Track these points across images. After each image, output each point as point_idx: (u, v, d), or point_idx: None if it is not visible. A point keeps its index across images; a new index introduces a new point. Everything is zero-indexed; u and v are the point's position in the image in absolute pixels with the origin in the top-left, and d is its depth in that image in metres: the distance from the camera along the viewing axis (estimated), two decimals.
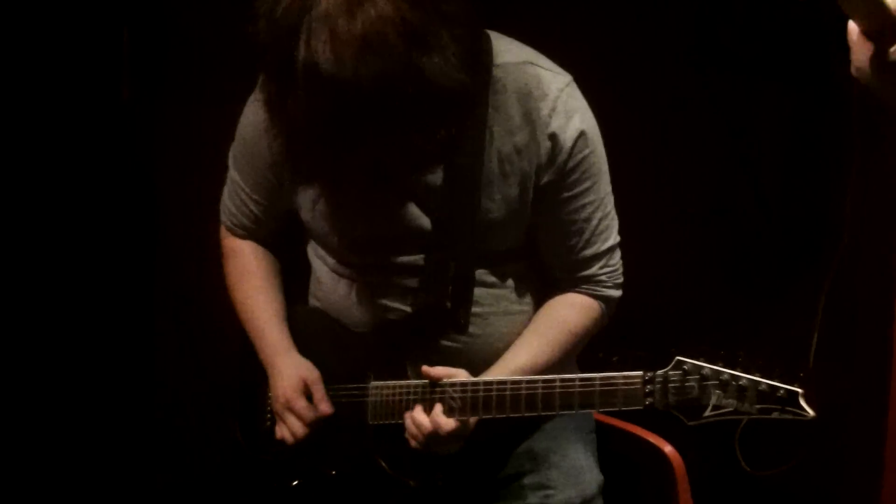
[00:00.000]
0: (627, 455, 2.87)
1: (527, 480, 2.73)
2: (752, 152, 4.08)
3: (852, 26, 1.74)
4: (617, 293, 2.69)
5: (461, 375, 2.53)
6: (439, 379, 2.52)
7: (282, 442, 2.68)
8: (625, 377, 2.37)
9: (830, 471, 3.68)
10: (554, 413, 2.51)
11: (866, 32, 1.72)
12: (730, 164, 4.09)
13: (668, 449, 2.78)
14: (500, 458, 2.75)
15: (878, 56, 1.71)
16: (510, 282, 2.67)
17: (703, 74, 4.03)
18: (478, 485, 2.76)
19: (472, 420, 2.51)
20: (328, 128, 2.17)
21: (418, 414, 2.53)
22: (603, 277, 2.66)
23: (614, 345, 3.05)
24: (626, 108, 3.71)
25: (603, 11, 3.94)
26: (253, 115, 2.62)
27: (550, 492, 2.70)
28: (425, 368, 2.53)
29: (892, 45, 1.69)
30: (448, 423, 2.49)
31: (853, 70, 1.77)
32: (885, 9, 1.65)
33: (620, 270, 2.69)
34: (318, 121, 2.17)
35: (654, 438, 2.84)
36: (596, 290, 2.66)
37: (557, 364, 2.63)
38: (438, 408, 2.51)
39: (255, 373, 2.79)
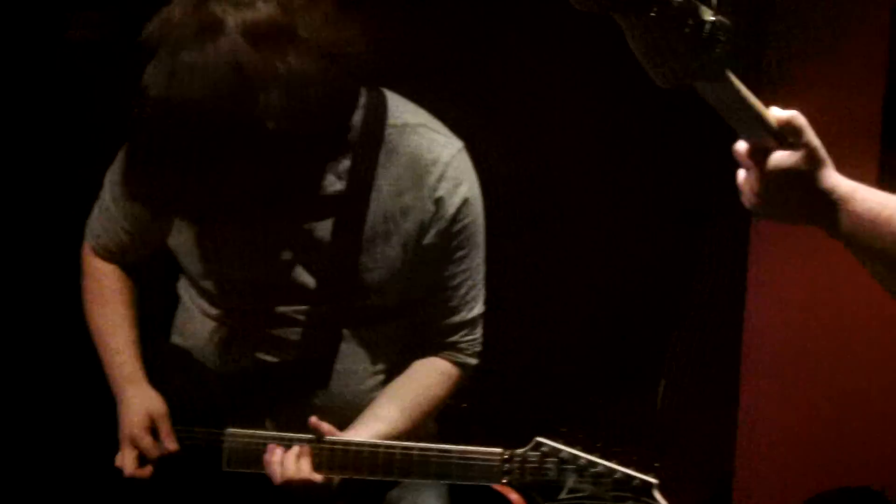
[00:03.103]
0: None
1: None
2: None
3: (742, 158, 1.76)
4: (475, 361, 2.71)
5: (336, 434, 2.52)
6: (326, 434, 2.50)
7: (127, 476, 2.62)
8: (483, 453, 2.39)
9: None
10: (410, 479, 2.52)
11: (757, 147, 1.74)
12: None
13: (513, 497, 2.81)
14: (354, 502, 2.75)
15: (772, 171, 1.73)
16: (377, 340, 2.67)
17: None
18: None
19: (337, 480, 2.52)
20: (165, 157, 2.21)
21: (288, 455, 2.50)
22: (464, 345, 2.68)
23: (474, 420, 3.08)
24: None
25: (500, 79, 3.94)
26: None
27: None
28: (314, 420, 2.50)
29: (794, 149, 1.71)
30: (313, 476, 2.48)
31: (746, 201, 1.79)
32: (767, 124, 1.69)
33: (481, 340, 2.71)
34: (155, 148, 2.21)
35: (499, 487, 2.87)
36: (456, 357, 2.68)
37: (414, 426, 2.63)
38: (307, 461, 2.49)
39: (105, 397, 2.74)
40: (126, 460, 2.61)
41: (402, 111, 2.55)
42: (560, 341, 3.99)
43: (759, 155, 1.73)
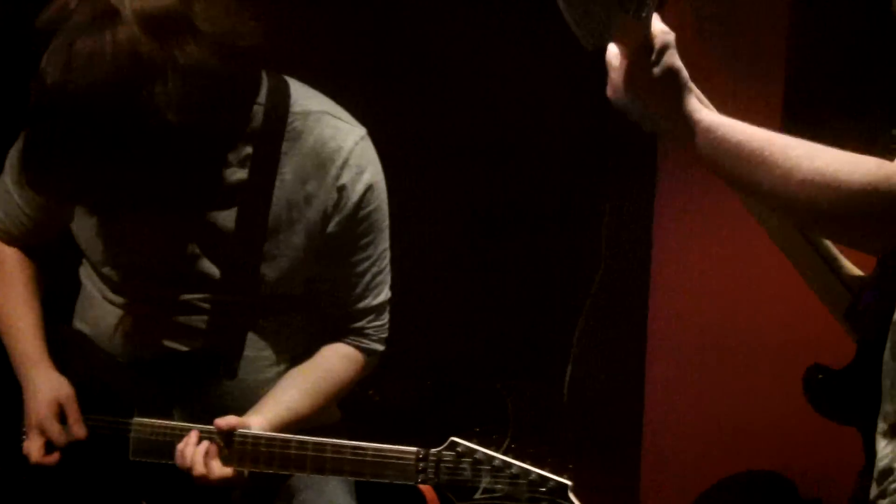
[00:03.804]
0: (386, 492, 2.88)
1: None
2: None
3: (612, 50, 1.81)
4: (381, 347, 2.70)
5: (246, 426, 2.48)
6: (232, 429, 2.46)
7: (34, 463, 2.58)
8: (398, 452, 2.38)
9: None
10: (323, 475, 2.50)
11: (627, 56, 1.80)
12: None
13: (428, 494, 2.81)
14: (259, 490, 2.72)
15: (636, 78, 1.79)
16: (283, 328, 2.65)
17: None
18: None
19: (246, 473, 2.49)
20: (63, 146, 2.18)
21: (198, 464, 2.46)
22: (370, 331, 2.67)
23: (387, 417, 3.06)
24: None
25: (402, 64, 3.90)
26: None
27: None
28: (218, 421, 2.46)
29: (652, 66, 1.77)
30: (224, 472, 2.46)
31: (609, 92, 1.85)
32: (647, 34, 1.76)
33: (387, 326, 2.70)
34: (53, 136, 2.18)
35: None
36: (362, 343, 2.67)
37: (319, 410, 2.62)
38: (215, 459, 2.46)
39: (10, 382, 2.68)
40: (32, 447, 2.57)
41: (305, 98, 2.53)
42: (465, 332, 3.99)
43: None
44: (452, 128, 3.96)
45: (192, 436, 2.47)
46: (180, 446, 2.47)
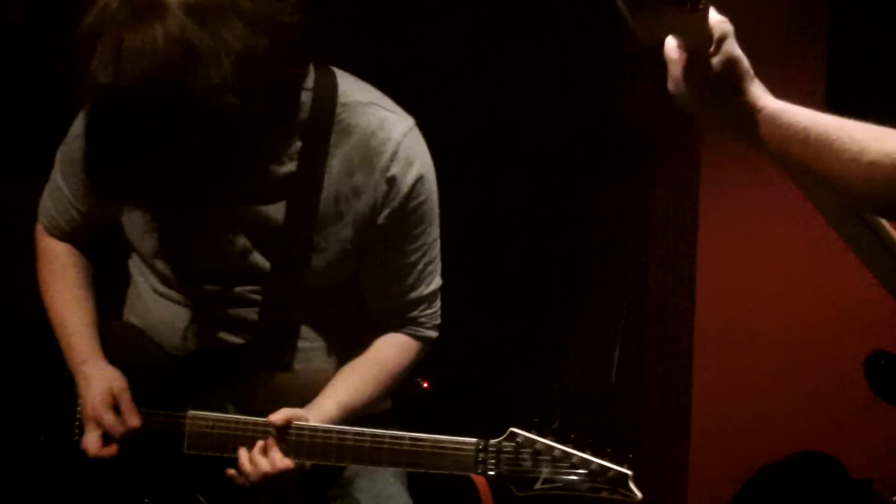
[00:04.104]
0: (437, 480, 2.88)
1: None
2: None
3: (671, 43, 1.79)
4: (434, 334, 2.70)
5: (300, 418, 2.49)
6: (286, 424, 2.46)
7: (92, 456, 2.57)
8: (457, 443, 2.38)
9: None
10: (381, 466, 2.50)
11: (686, 48, 1.77)
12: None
13: (481, 486, 2.81)
14: (310, 483, 2.72)
15: (697, 69, 1.77)
16: (336, 319, 2.65)
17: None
18: None
19: (308, 464, 2.49)
20: (120, 145, 2.17)
21: (256, 452, 2.47)
22: (423, 319, 2.66)
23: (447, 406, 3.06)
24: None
25: (449, 54, 3.89)
26: (80, 120, 2.51)
27: None
28: (272, 417, 2.47)
29: (711, 56, 1.75)
30: (286, 464, 2.45)
31: (670, 86, 1.83)
32: (705, 26, 1.72)
33: (439, 313, 2.69)
34: (111, 137, 2.17)
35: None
36: (416, 331, 2.67)
37: (374, 401, 2.62)
38: (275, 451, 2.46)
39: (63, 378, 2.68)
40: (90, 440, 2.57)
41: (353, 90, 2.51)
42: (511, 320, 3.99)
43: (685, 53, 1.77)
44: (494, 110, 3.95)
45: (242, 449, 2.49)
46: (239, 452, 2.48)
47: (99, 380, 2.59)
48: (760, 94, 1.80)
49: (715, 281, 4.08)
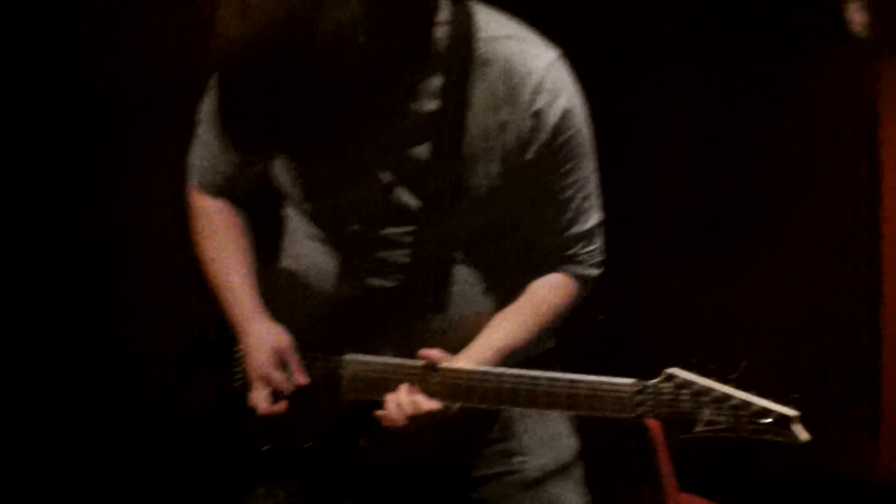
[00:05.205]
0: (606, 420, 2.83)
1: (501, 447, 2.69)
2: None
3: None
4: (596, 272, 2.62)
5: (450, 361, 2.47)
6: (436, 362, 2.45)
7: (262, 414, 2.61)
8: (615, 385, 2.32)
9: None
10: (538, 409, 2.45)
11: None
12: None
13: (652, 425, 2.75)
14: (472, 424, 2.69)
15: None
16: (490, 259, 2.60)
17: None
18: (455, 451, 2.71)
19: (456, 407, 2.46)
20: (258, 97, 2.15)
21: (402, 395, 2.47)
22: (583, 257, 2.59)
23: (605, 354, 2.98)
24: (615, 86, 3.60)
25: None
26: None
27: (524, 458, 2.67)
28: (424, 352, 2.47)
29: None
30: (431, 405, 2.44)
31: None
32: None
33: (601, 249, 2.62)
34: (247, 90, 2.15)
35: None
36: (576, 270, 2.60)
37: (531, 345, 2.57)
38: (419, 391, 2.45)
39: (221, 327, 2.71)
40: (259, 398, 2.60)
41: (492, 22, 2.44)
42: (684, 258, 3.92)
43: None
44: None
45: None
46: (388, 395, 2.47)
47: (265, 338, 2.61)
48: None
49: None
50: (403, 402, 2.45)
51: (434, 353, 2.47)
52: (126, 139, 3.89)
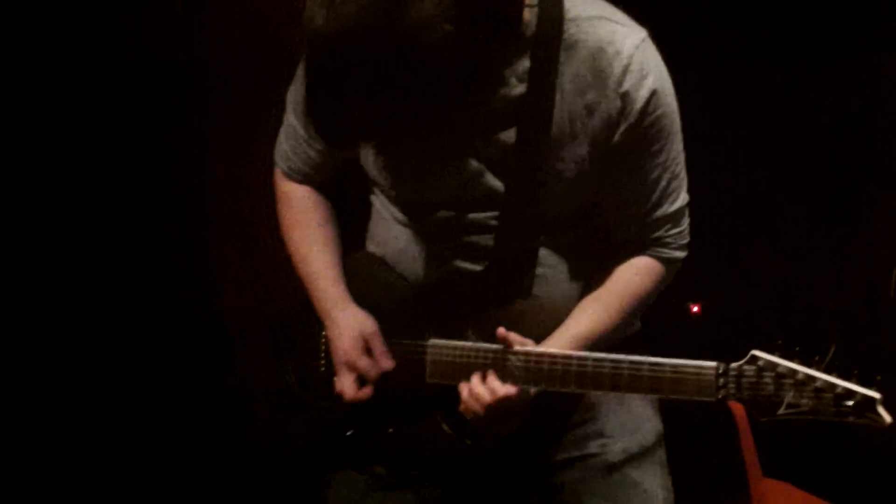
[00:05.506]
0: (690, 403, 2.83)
1: (582, 430, 2.69)
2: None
3: None
4: (682, 254, 2.61)
5: (529, 344, 2.47)
6: (513, 344, 2.46)
7: (349, 400, 2.64)
8: (697, 367, 2.31)
9: None
10: (620, 393, 2.44)
11: None
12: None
13: (737, 410, 2.73)
14: (555, 407, 2.69)
15: None
16: (576, 242, 2.59)
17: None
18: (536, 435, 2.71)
19: (533, 391, 2.47)
20: (345, 88, 2.15)
21: (475, 384, 2.48)
22: (669, 239, 2.57)
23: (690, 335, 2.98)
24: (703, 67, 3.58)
25: None
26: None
27: (607, 441, 2.68)
28: (501, 332, 2.46)
29: None
30: (507, 390, 2.45)
31: None
32: None
33: (687, 231, 2.60)
34: (334, 81, 2.15)
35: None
36: (662, 253, 2.58)
37: (617, 329, 2.57)
38: (494, 377, 2.46)
39: (306, 313, 2.75)
40: (345, 384, 2.63)
41: (580, 4, 2.42)
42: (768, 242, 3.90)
43: None
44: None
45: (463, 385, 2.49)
46: (462, 384, 2.49)
47: (350, 325, 2.63)
48: None
49: None
50: (478, 391, 2.47)
51: (513, 336, 2.47)
52: (212, 124, 3.93)
